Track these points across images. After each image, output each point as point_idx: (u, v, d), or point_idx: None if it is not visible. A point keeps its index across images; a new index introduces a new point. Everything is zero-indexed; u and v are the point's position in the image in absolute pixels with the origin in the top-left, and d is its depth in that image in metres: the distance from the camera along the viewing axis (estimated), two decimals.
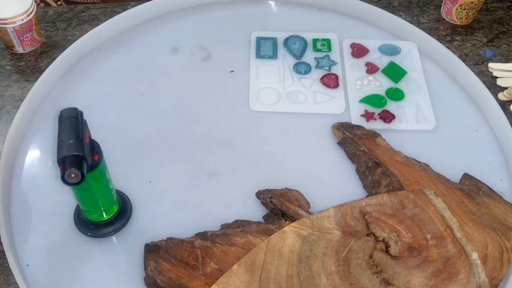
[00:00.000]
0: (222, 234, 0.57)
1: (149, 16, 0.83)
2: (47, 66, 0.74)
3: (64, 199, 0.62)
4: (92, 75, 0.75)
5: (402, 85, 0.75)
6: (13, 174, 0.64)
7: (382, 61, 0.78)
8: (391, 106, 0.72)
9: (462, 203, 0.60)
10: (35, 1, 0.77)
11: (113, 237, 0.59)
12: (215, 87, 0.74)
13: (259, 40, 0.80)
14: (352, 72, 0.77)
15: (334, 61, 0.77)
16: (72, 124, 0.48)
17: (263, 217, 0.61)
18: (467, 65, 0.76)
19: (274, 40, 0.80)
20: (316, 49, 0.79)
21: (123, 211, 0.60)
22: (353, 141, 0.66)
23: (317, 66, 0.77)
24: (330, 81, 0.75)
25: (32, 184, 0.64)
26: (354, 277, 0.53)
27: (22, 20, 0.74)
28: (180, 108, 0.72)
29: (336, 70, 0.77)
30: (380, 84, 0.75)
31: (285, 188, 0.63)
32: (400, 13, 0.86)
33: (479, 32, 0.84)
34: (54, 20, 0.84)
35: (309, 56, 0.78)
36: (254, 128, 0.70)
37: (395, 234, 0.56)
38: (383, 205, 0.58)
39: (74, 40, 0.77)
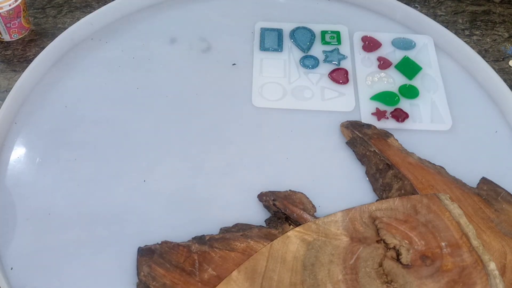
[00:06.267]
0: (221, 239, 0.57)
1: (145, 4, 0.83)
2: (35, 55, 0.74)
3: (52, 199, 0.62)
4: (83, 66, 0.76)
5: (416, 81, 0.75)
6: None
7: (396, 55, 0.78)
8: (405, 104, 0.73)
9: (480, 209, 0.60)
10: None
11: (104, 240, 0.59)
12: (216, 81, 0.74)
13: (264, 31, 0.80)
14: (363, 67, 0.77)
15: (344, 55, 0.78)
16: None
17: (265, 221, 0.61)
18: (486, 61, 0.76)
19: (279, 32, 0.80)
20: (324, 42, 0.79)
21: None
22: (363, 141, 0.67)
23: (325, 60, 0.77)
24: (339, 76, 0.75)
25: (18, 181, 0.64)
26: (362, 286, 0.53)
27: (10, 5, 0.75)
28: (177, 103, 0.72)
29: (345, 64, 0.77)
30: (393, 80, 0.75)
31: (289, 190, 0.63)
32: (416, 5, 0.86)
33: (500, 26, 0.84)
34: (44, 6, 0.84)
35: (317, 49, 0.79)
36: (256, 125, 0.70)
37: (407, 241, 0.56)
38: (395, 210, 0.58)
39: (65, 28, 0.77)
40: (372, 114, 0.71)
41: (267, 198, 0.62)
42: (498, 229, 0.59)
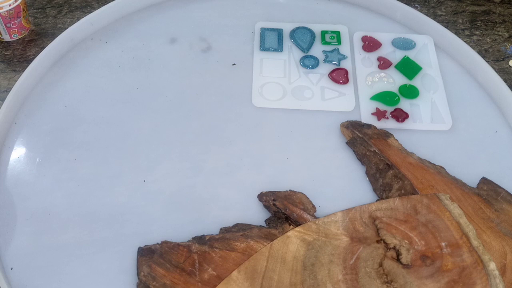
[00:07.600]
0: (221, 238, 0.57)
1: (145, 4, 0.83)
2: (35, 55, 0.74)
3: (52, 198, 0.62)
4: (83, 66, 0.76)
5: (416, 81, 0.75)
6: None
7: (396, 55, 0.78)
8: (405, 104, 0.73)
9: (480, 209, 0.60)
10: None
11: (104, 240, 0.59)
12: (216, 81, 0.74)
13: (264, 31, 0.80)
14: (363, 67, 0.77)
15: (344, 55, 0.78)
16: None
17: (265, 221, 0.61)
18: (486, 61, 0.76)
19: (279, 32, 0.80)
20: (324, 42, 0.79)
21: None
22: (363, 141, 0.67)
23: (325, 60, 0.77)
24: (339, 76, 0.75)
25: (18, 181, 0.64)
26: (362, 286, 0.53)
27: (10, 5, 0.75)
28: (177, 103, 0.72)
29: (345, 64, 0.77)
30: (393, 80, 0.75)
31: (289, 190, 0.63)
32: (416, 5, 0.86)
33: (501, 26, 0.84)
34: (44, 6, 0.84)
35: (317, 49, 0.79)
36: (257, 125, 0.70)
37: (407, 241, 0.56)
38: (395, 210, 0.58)
39: (65, 28, 0.78)
40: (372, 114, 0.71)
41: (267, 198, 0.62)
42: (498, 229, 0.59)
